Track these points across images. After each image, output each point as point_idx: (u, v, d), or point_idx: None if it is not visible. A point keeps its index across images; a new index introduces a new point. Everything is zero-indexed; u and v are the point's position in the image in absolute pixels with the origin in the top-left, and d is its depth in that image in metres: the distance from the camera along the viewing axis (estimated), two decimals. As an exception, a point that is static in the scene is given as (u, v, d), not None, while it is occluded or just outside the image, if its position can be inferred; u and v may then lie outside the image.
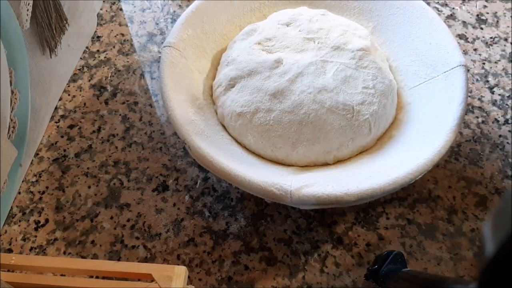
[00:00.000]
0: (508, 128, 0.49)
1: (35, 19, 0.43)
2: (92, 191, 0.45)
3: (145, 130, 0.49)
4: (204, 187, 0.45)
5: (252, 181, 0.38)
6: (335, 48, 0.45)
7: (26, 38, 0.43)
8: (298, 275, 0.40)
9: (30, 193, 0.45)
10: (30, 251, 0.42)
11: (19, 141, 0.43)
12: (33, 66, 0.45)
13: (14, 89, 0.41)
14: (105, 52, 0.55)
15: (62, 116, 0.50)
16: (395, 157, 0.41)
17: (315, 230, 0.43)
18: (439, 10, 0.58)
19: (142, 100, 0.51)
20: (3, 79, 0.39)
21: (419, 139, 0.41)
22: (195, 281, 0.40)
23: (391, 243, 0.42)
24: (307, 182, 0.38)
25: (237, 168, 0.39)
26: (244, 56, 0.45)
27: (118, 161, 0.47)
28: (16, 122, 0.42)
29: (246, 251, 0.42)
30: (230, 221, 0.43)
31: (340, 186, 0.37)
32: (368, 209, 0.44)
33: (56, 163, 0.47)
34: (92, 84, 0.53)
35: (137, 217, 0.44)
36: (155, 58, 0.55)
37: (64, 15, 0.47)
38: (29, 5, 0.41)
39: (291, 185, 0.38)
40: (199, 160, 0.40)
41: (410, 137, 0.42)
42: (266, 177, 0.38)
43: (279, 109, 0.42)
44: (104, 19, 0.58)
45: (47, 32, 0.45)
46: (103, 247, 0.42)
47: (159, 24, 0.58)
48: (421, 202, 0.44)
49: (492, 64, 0.53)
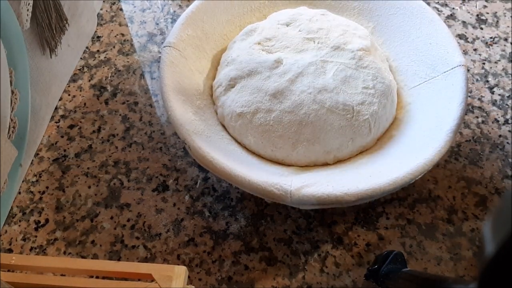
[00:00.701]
0: (508, 128, 0.49)
1: (35, 19, 0.43)
2: (92, 191, 0.45)
3: (145, 130, 0.49)
4: (204, 187, 0.45)
5: (252, 181, 0.38)
6: (335, 48, 0.45)
7: (26, 38, 0.43)
8: (298, 275, 0.40)
9: (30, 193, 0.45)
10: (30, 251, 0.42)
11: (19, 141, 0.43)
12: (33, 66, 0.45)
13: (14, 89, 0.41)
14: (105, 52, 0.55)
15: (62, 116, 0.50)
16: (395, 157, 0.41)
17: (315, 230, 0.43)
18: (439, 10, 0.58)
19: (142, 100, 0.51)
20: (3, 79, 0.39)
21: (419, 139, 0.41)
22: (195, 281, 0.40)
23: (391, 243, 0.42)
24: (307, 182, 0.38)
25: (237, 168, 0.39)
26: (244, 56, 0.46)
27: (118, 161, 0.47)
28: (16, 122, 0.42)
29: (246, 251, 0.42)
30: (230, 221, 0.43)
31: (340, 186, 0.37)
32: (368, 209, 0.44)
33: (56, 163, 0.47)
34: (92, 84, 0.53)
35: (137, 217, 0.44)
36: (155, 58, 0.55)
37: (64, 15, 0.47)
38: (29, 5, 0.41)
39: (291, 185, 0.38)
40: (199, 160, 0.40)
41: (410, 137, 0.42)
42: (266, 177, 0.39)
43: (279, 109, 0.42)
44: (104, 19, 0.58)
45: (47, 32, 0.45)
46: (103, 247, 0.42)
47: (159, 24, 0.58)
48: (421, 202, 0.44)
49: (492, 64, 0.53)
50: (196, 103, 0.45)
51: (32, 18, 0.43)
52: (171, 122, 0.41)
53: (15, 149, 0.41)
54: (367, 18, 0.51)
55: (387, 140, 0.44)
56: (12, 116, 0.42)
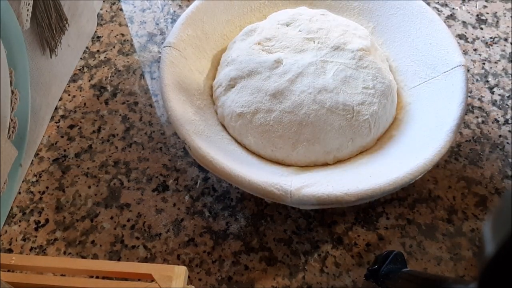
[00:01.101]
0: (508, 128, 0.49)
1: (35, 19, 0.43)
2: (92, 191, 0.45)
3: (145, 130, 0.49)
4: (204, 187, 0.45)
5: (252, 181, 0.38)
6: (335, 48, 0.45)
7: (26, 38, 0.43)
8: (298, 275, 0.40)
9: (30, 193, 0.45)
10: (30, 251, 0.42)
11: (19, 141, 0.43)
12: (33, 66, 0.45)
13: (14, 89, 0.41)
14: (105, 52, 0.55)
15: (62, 116, 0.50)
16: (395, 157, 0.41)
17: (315, 230, 0.43)
18: (439, 10, 0.58)
19: (142, 100, 0.51)
20: (3, 79, 0.39)
21: (419, 139, 0.41)
22: (195, 281, 0.40)
23: (391, 243, 0.42)
24: (307, 182, 0.38)
25: (237, 168, 0.39)
26: (244, 56, 0.45)
27: (118, 161, 0.47)
28: (16, 122, 0.42)
29: (246, 251, 0.42)
30: (230, 221, 0.43)
31: (340, 186, 0.37)
32: (368, 209, 0.44)
33: (56, 163, 0.47)
34: (92, 84, 0.53)
35: (137, 217, 0.44)
36: (155, 58, 0.55)
37: (64, 15, 0.47)
38: (29, 5, 0.41)
39: (291, 185, 0.38)
40: (199, 160, 0.40)
41: (410, 137, 0.42)
42: (266, 177, 0.38)
43: (279, 109, 0.42)
44: (104, 19, 0.58)
45: (47, 32, 0.45)
46: (103, 247, 0.42)
47: (159, 24, 0.58)
48: (421, 202, 0.44)
49: (492, 64, 0.53)
50: (196, 103, 0.45)
51: (32, 18, 0.43)
52: (171, 122, 0.41)
53: (15, 149, 0.41)
54: (367, 18, 0.51)
55: (387, 140, 0.44)
56: (12, 116, 0.42)
